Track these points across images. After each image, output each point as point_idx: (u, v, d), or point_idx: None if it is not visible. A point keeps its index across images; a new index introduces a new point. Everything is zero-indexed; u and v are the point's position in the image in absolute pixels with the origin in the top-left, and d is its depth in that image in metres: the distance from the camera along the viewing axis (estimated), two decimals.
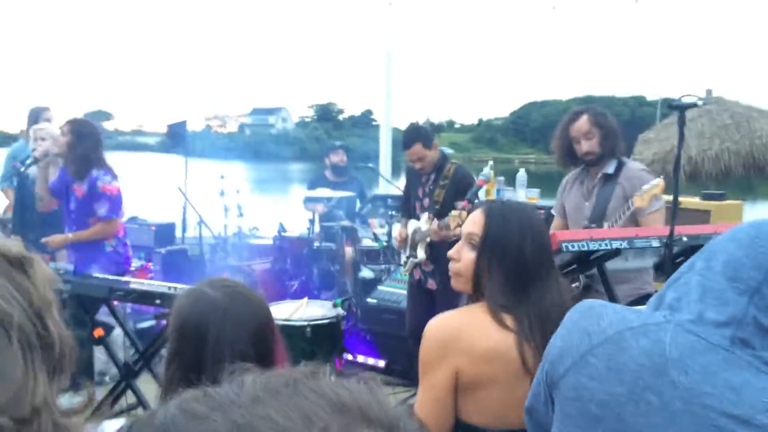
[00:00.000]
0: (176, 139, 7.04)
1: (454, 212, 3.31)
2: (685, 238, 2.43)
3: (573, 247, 2.32)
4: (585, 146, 3.12)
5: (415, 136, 3.95)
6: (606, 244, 2.36)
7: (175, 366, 1.45)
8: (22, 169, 4.74)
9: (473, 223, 1.66)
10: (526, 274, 1.57)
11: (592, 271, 2.55)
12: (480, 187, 3.13)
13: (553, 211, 3.49)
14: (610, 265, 2.49)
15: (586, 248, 2.33)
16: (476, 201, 3.05)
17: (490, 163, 4.08)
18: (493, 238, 1.61)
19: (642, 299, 2.94)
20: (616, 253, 2.38)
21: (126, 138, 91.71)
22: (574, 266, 2.50)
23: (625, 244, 2.40)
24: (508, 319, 1.55)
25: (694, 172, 7.72)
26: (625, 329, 1.06)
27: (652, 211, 2.94)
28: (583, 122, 3.13)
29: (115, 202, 4.24)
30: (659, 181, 2.80)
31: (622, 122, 3.69)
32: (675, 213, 2.35)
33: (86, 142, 4.17)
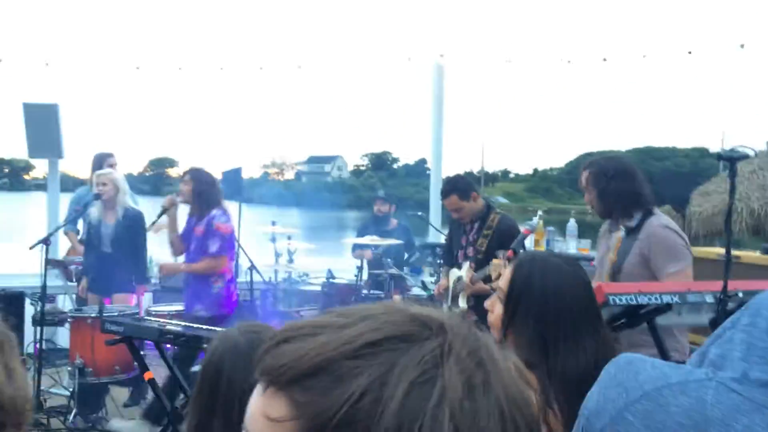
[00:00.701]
0: (231, 186, 7.21)
1: (495, 261, 3.28)
2: (740, 294, 2.33)
3: (620, 300, 2.25)
4: (586, 199, 3.09)
5: (451, 187, 4.02)
6: (656, 298, 2.28)
7: (194, 406, 1.48)
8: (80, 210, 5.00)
9: (503, 276, 1.64)
10: (549, 332, 1.52)
11: (641, 325, 2.46)
12: (525, 236, 3.10)
13: (595, 263, 3.40)
14: (663, 320, 2.40)
15: (634, 302, 2.26)
16: (521, 251, 3.01)
17: (540, 212, 4.04)
18: (516, 295, 1.59)
19: None
20: (667, 307, 2.29)
21: None
22: (623, 321, 2.42)
23: (676, 299, 2.31)
24: (532, 377, 1.50)
25: (756, 225, 7.45)
26: (663, 386, 1.01)
27: (670, 272, 2.76)
28: (583, 178, 3.09)
29: (227, 241, 4.64)
30: (618, 235, 2.75)
31: (675, 174, 3.58)
32: (728, 266, 2.26)
33: (205, 187, 4.63)
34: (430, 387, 0.49)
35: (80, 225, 5.81)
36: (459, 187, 4.01)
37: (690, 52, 6.19)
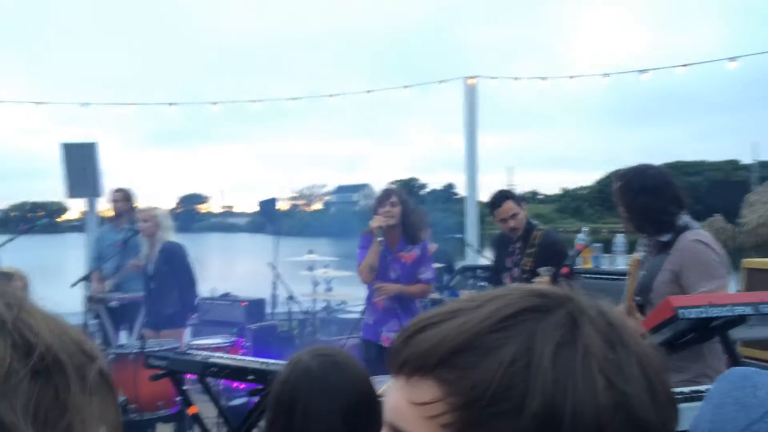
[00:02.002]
0: (268, 215, 7.22)
1: (539, 279, 3.18)
2: None
3: (691, 314, 2.13)
4: (620, 214, 2.93)
5: (505, 194, 3.98)
6: (728, 310, 2.15)
7: None
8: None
9: None
10: None
11: (714, 340, 2.33)
12: (579, 251, 2.98)
13: None
14: (735, 333, 2.27)
15: (705, 315, 2.13)
16: (575, 267, 2.90)
17: (585, 229, 3.93)
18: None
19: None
20: (740, 320, 2.16)
21: (217, 219, 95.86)
22: (692, 335, 2.30)
23: (749, 310, 2.18)
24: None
25: None
26: None
27: (702, 291, 2.51)
28: (614, 190, 2.93)
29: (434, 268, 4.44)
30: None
31: (725, 183, 3.44)
32: None
33: (413, 209, 4.35)
34: (573, 345, 0.52)
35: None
36: (510, 194, 3.99)
37: (733, 59, 6.04)
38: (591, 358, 0.51)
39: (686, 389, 2.39)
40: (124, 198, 5.78)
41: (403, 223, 4.25)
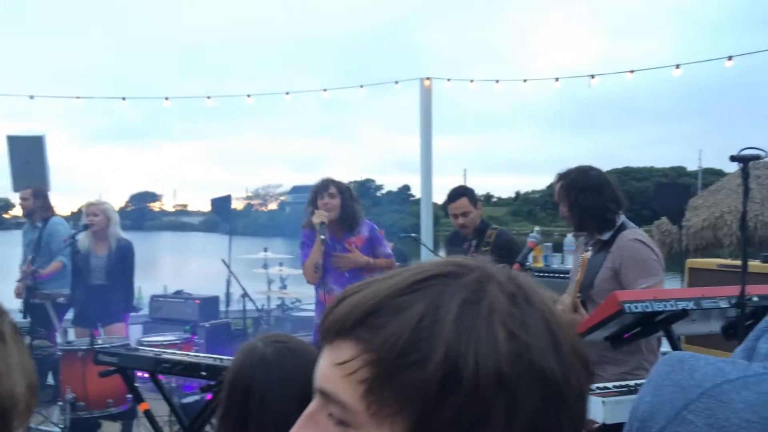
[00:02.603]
0: (221, 213, 7.14)
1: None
2: (756, 298, 2.29)
3: (636, 308, 2.21)
4: (561, 213, 3.06)
5: (462, 191, 4.04)
6: (672, 305, 2.23)
7: (225, 426, 1.39)
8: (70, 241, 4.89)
9: None
10: None
11: (658, 334, 2.41)
12: (530, 249, 3.06)
13: (570, 276, 3.31)
14: (678, 328, 2.36)
15: (650, 309, 2.21)
16: (527, 264, 2.97)
17: (536, 228, 4.02)
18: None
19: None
20: (683, 314, 2.25)
21: (170, 218, 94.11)
22: (638, 329, 2.38)
23: (691, 305, 2.27)
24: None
25: (740, 226, 7.52)
26: (723, 382, 0.96)
27: (641, 288, 2.67)
28: (557, 189, 3.06)
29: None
30: (584, 256, 2.72)
31: (670, 186, 3.58)
32: (745, 271, 2.23)
33: (353, 197, 4.21)
34: (478, 303, 0.55)
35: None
36: (468, 192, 4.05)
37: (677, 66, 6.25)
38: (494, 313, 0.55)
39: (631, 382, 2.48)
40: (32, 195, 5.55)
41: (343, 214, 4.11)
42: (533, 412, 0.54)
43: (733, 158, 2.15)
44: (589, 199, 2.91)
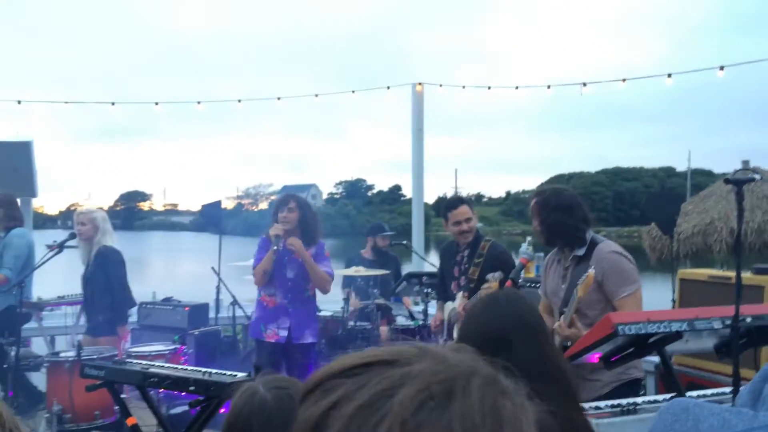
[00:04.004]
0: (211, 219, 7.09)
1: (485, 287, 3.26)
2: (749, 319, 2.28)
3: (630, 330, 2.19)
4: (533, 227, 3.16)
5: (461, 199, 4.15)
6: (665, 326, 2.22)
7: None
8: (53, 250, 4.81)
9: None
10: None
11: (651, 355, 2.40)
12: (523, 265, 3.04)
13: (540, 292, 3.38)
14: (670, 348, 2.34)
15: (644, 331, 2.20)
16: (520, 280, 2.95)
17: (528, 238, 3.99)
18: (463, 337, 1.60)
19: (628, 385, 2.88)
20: (676, 336, 2.24)
21: (160, 218, 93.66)
22: (631, 350, 2.36)
23: (685, 326, 2.26)
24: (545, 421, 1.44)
25: (734, 248, 7.53)
26: None
27: (624, 296, 2.87)
28: (531, 206, 3.16)
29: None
30: (590, 273, 2.71)
31: (662, 195, 3.58)
32: (739, 292, 2.21)
33: (313, 213, 4.59)
34: (384, 402, 0.53)
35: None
36: (467, 199, 4.18)
37: (669, 75, 6.26)
38: (390, 416, 0.51)
39: (623, 401, 2.47)
40: None
41: (301, 226, 4.43)
42: None
43: (727, 181, 2.14)
44: (560, 218, 3.06)
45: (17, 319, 4.91)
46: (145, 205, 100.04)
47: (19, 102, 7.24)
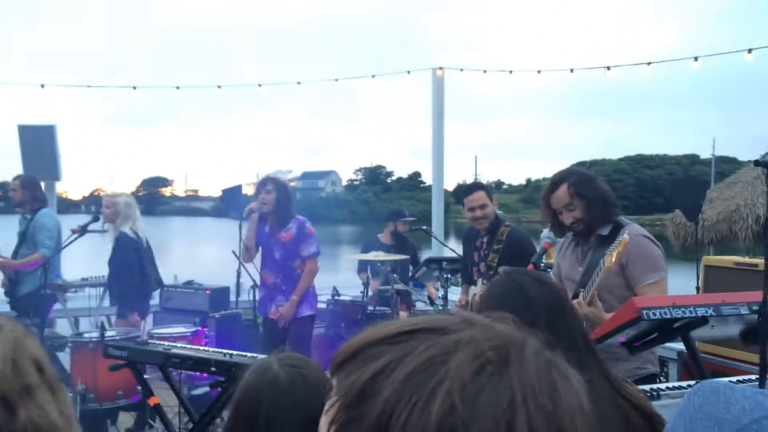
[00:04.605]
0: (231, 204, 7.11)
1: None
2: None
3: (654, 314, 2.16)
4: (567, 218, 2.87)
5: (478, 185, 4.11)
6: (691, 311, 2.18)
7: None
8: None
9: None
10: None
11: (676, 341, 2.36)
12: (545, 250, 3.00)
13: (552, 275, 3.19)
14: (695, 333, 2.31)
15: (669, 316, 2.16)
16: (542, 265, 2.92)
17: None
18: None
19: (645, 380, 2.67)
20: (702, 321, 2.20)
21: (182, 203, 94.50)
22: (655, 335, 2.33)
23: (711, 311, 2.22)
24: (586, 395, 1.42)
25: (763, 231, 7.40)
26: (762, 417, 0.91)
27: (648, 283, 2.66)
28: (561, 193, 2.86)
29: (317, 241, 4.87)
30: (624, 238, 2.49)
31: (687, 181, 3.49)
32: (767, 277, 2.17)
33: (287, 195, 4.85)
34: (438, 367, 0.51)
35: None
36: (484, 186, 4.10)
37: (696, 59, 6.14)
38: (445, 381, 0.50)
39: (646, 387, 2.44)
40: (21, 186, 5.42)
41: (276, 207, 4.73)
42: None
43: (756, 163, 2.09)
44: (602, 189, 2.87)
45: (43, 300, 5.00)
46: (166, 191, 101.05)
47: (42, 86, 7.31)
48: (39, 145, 6.49)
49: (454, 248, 6.56)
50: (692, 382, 2.47)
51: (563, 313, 1.48)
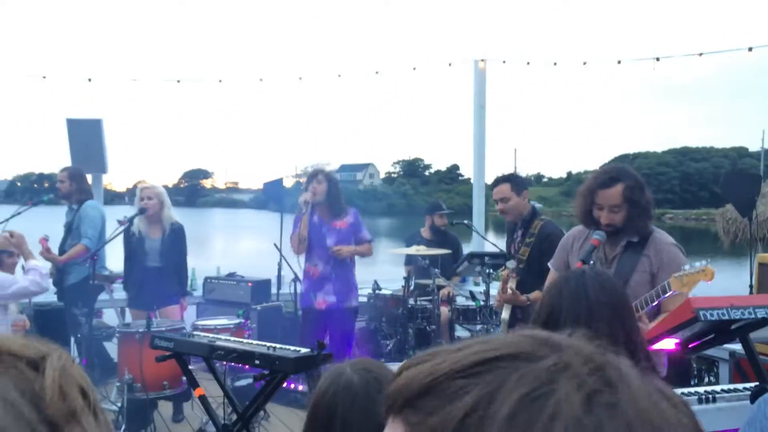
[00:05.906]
0: (273, 197, 7.17)
1: (500, 271, 3.26)
2: None
3: (712, 315, 2.08)
4: (606, 218, 2.77)
5: (506, 177, 4.04)
6: (750, 312, 2.10)
7: None
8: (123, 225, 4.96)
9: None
10: None
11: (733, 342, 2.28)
12: (594, 246, 2.91)
13: (550, 264, 3.15)
14: (755, 335, 2.23)
15: (726, 317, 2.09)
16: (591, 262, 2.85)
17: None
18: (545, 318, 1.56)
19: None
20: (762, 323, 2.12)
21: (222, 195, 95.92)
22: (712, 336, 2.25)
23: None
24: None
25: None
26: None
27: (675, 294, 2.51)
28: (615, 192, 2.74)
29: None
30: (705, 266, 2.36)
31: (741, 174, 3.37)
32: None
33: (338, 186, 5.05)
34: (543, 401, 0.46)
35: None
36: (513, 179, 4.04)
37: (750, 49, 5.93)
38: (559, 418, 0.45)
39: (701, 389, 2.37)
40: (68, 178, 5.53)
41: (329, 199, 4.89)
42: None
43: None
44: (649, 198, 2.80)
45: (91, 290, 5.11)
46: (207, 183, 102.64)
47: (89, 80, 7.46)
48: (86, 138, 6.63)
49: (495, 242, 6.50)
50: (749, 385, 2.39)
51: (623, 314, 1.44)
